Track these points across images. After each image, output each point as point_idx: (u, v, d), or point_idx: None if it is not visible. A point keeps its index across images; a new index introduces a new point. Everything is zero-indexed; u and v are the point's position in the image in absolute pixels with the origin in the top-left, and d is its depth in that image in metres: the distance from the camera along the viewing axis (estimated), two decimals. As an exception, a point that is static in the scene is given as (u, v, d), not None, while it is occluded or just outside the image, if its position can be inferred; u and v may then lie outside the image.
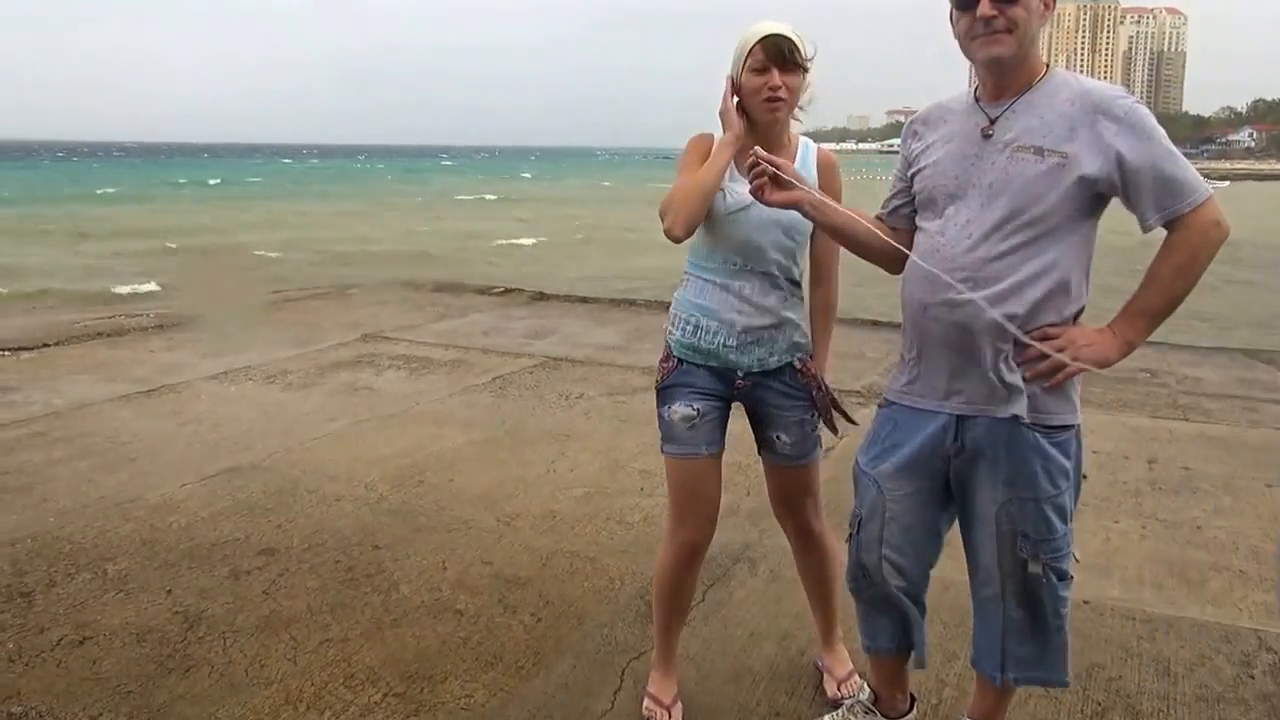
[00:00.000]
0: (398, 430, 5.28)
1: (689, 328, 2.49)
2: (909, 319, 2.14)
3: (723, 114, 2.39)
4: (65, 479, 4.37)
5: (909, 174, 2.18)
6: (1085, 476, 4.81)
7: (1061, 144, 1.93)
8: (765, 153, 2.13)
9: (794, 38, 2.31)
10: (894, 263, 2.19)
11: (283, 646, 2.96)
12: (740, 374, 2.48)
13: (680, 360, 2.51)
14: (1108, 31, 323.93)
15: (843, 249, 2.39)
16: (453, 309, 9.42)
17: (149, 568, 3.48)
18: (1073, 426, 2.05)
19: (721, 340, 2.45)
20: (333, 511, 4.07)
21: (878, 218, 2.27)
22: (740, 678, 2.83)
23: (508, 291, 10.76)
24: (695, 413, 2.47)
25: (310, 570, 3.49)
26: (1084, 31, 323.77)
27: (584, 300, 10.24)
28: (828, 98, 2.57)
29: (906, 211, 2.22)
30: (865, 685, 2.59)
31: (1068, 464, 2.04)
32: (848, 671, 2.73)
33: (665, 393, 2.52)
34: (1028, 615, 2.11)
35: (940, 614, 2.98)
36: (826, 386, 2.53)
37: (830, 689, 2.72)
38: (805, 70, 2.36)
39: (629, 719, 2.63)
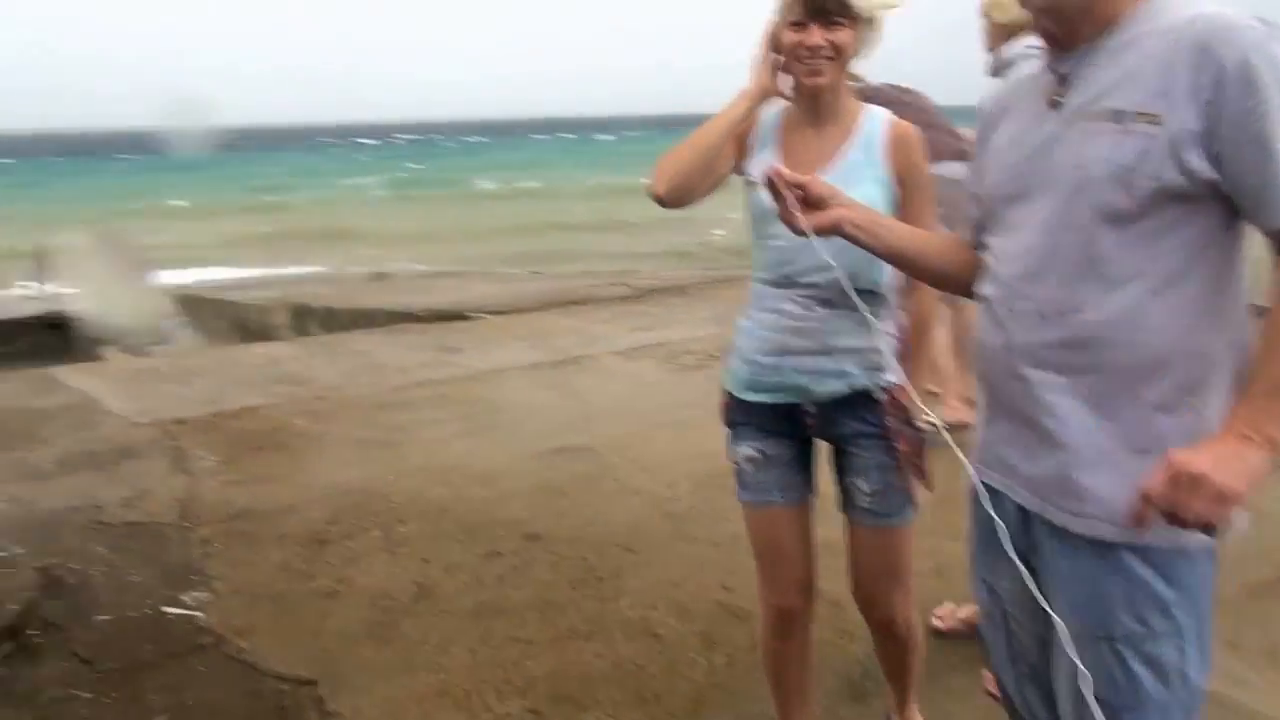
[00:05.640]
0: (746, 426, 5.14)
1: (736, 357, 2.13)
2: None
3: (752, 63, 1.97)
4: (426, 441, 4.91)
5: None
6: None
7: (1152, 102, 1.24)
8: (785, 170, 1.59)
9: None
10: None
11: (474, 636, 3.02)
12: (811, 409, 2.04)
13: (735, 396, 2.13)
14: None
15: None
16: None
17: (427, 534, 3.77)
18: (1187, 547, 1.31)
19: (769, 372, 2.05)
20: (618, 505, 4.07)
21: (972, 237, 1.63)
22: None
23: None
24: (759, 454, 2.11)
25: (552, 564, 3.52)
26: None
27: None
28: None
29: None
30: None
31: (1170, 595, 1.32)
32: None
33: (732, 432, 2.17)
34: None
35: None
36: (912, 427, 2.01)
37: None
38: (861, 21, 1.83)
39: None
